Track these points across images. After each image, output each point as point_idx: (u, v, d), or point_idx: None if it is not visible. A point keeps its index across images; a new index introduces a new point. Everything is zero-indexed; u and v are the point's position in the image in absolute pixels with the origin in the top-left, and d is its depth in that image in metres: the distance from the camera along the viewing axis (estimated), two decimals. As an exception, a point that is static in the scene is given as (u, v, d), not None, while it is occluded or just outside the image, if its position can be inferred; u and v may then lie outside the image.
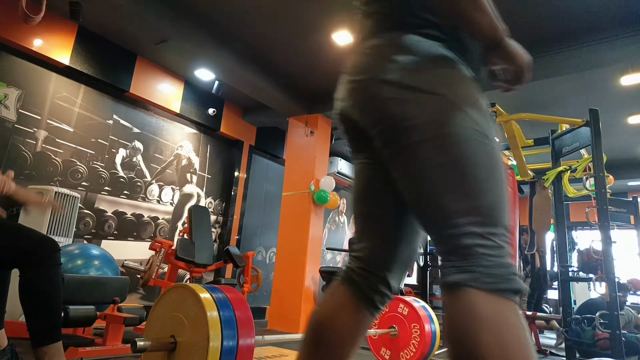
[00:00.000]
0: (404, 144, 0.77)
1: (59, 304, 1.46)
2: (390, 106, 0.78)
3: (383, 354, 2.80)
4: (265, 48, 4.36)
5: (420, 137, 0.75)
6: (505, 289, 0.69)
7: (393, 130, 0.78)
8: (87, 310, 2.64)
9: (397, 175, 0.81)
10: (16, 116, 3.84)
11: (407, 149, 0.77)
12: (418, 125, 0.76)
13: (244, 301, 1.51)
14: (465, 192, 0.73)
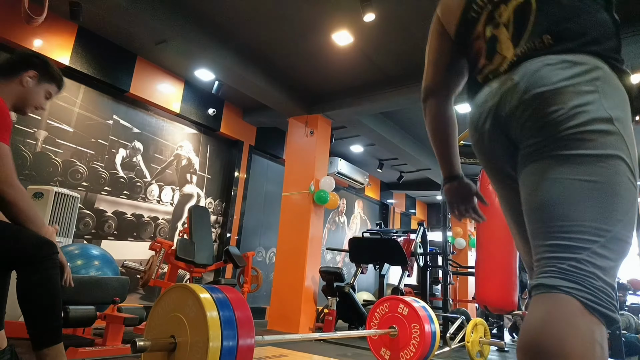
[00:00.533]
0: (563, 154, 0.82)
1: (59, 306, 1.45)
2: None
3: (383, 354, 2.80)
4: (265, 48, 4.36)
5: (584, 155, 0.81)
6: (604, 313, 0.72)
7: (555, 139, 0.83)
8: (87, 311, 2.63)
9: (534, 178, 0.86)
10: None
11: (564, 159, 0.82)
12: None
13: (244, 301, 1.51)
14: (603, 213, 0.77)
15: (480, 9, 1.03)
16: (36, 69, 1.68)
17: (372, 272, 8.18)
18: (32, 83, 1.66)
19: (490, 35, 1.01)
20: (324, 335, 2.47)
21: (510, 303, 3.56)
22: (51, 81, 1.73)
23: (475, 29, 1.05)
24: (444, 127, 1.18)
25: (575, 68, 0.85)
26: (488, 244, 3.69)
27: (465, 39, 1.09)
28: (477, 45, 1.04)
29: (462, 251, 8.45)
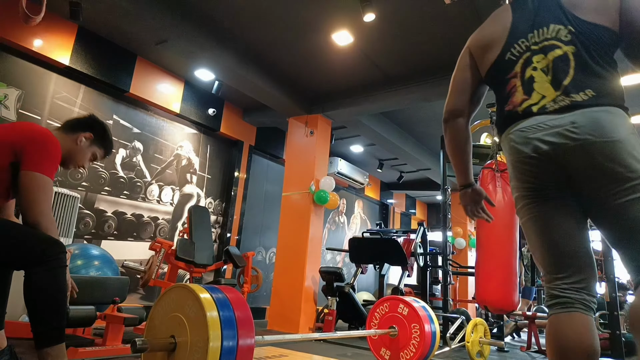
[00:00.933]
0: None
1: (64, 305, 1.46)
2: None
3: (383, 354, 2.80)
4: (265, 48, 4.36)
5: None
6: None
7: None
8: (87, 311, 2.64)
9: (614, 215, 1.12)
10: (16, 116, 3.84)
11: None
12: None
13: (244, 301, 1.51)
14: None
15: (519, 54, 1.27)
16: (93, 132, 1.85)
17: (372, 272, 8.18)
18: (85, 144, 1.82)
19: (529, 76, 1.24)
20: (324, 335, 2.46)
21: (510, 303, 3.56)
22: (101, 146, 1.89)
23: (513, 69, 1.28)
24: (464, 144, 1.45)
25: (623, 121, 1.12)
26: (488, 244, 3.69)
27: (496, 75, 1.32)
28: (512, 82, 1.27)
29: (462, 251, 8.45)
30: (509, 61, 1.29)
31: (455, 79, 1.45)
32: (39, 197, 1.52)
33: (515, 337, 5.78)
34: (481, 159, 4.56)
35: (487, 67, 1.35)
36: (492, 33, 1.36)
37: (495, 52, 1.32)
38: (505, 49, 1.30)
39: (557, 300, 1.19)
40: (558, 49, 1.21)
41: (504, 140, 1.30)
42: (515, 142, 1.22)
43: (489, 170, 3.85)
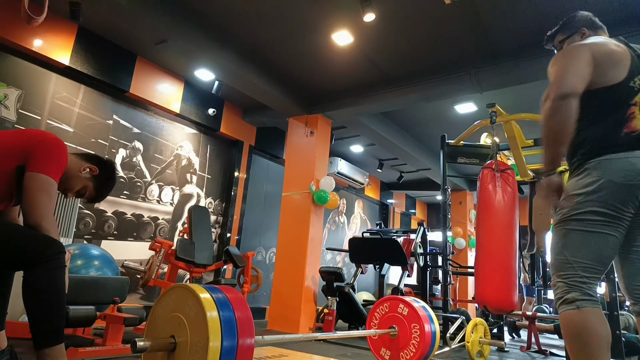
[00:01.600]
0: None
1: (62, 306, 1.46)
2: None
3: (383, 354, 2.80)
4: (265, 48, 4.36)
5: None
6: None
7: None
8: (87, 311, 2.64)
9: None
10: (16, 116, 3.84)
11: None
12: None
13: (244, 301, 1.51)
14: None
15: (637, 87, 1.41)
16: (100, 170, 1.82)
17: (372, 272, 8.18)
18: (85, 174, 1.79)
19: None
20: (324, 335, 2.47)
21: (510, 303, 3.56)
22: (96, 187, 1.84)
23: (634, 97, 1.41)
24: (573, 126, 1.39)
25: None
26: (488, 244, 3.69)
27: (616, 94, 1.42)
28: (633, 109, 1.40)
29: (462, 251, 8.45)
30: (632, 88, 1.41)
31: (577, 65, 1.43)
32: (41, 199, 1.51)
33: (516, 337, 5.78)
34: (481, 159, 4.56)
35: (609, 81, 1.43)
36: (619, 54, 1.46)
37: (622, 72, 1.42)
38: (630, 75, 1.42)
39: (590, 297, 1.35)
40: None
41: (615, 160, 1.37)
42: (636, 168, 1.35)
43: (489, 170, 3.85)
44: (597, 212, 1.37)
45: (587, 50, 1.46)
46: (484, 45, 4.02)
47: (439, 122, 5.93)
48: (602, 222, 1.37)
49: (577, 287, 1.37)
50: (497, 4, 3.45)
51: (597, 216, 1.37)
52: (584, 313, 1.32)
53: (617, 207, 1.36)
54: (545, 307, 6.74)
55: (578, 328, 1.32)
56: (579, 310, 1.33)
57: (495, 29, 3.80)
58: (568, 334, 1.35)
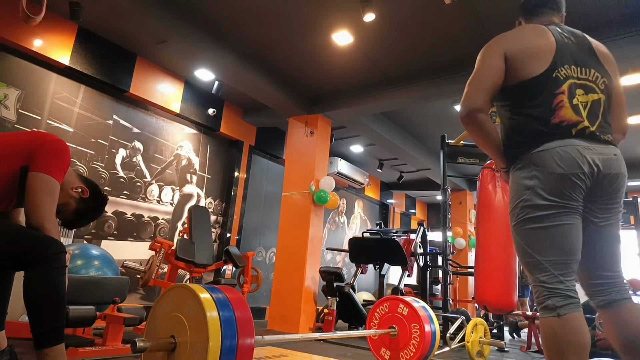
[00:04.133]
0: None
1: (63, 306, 1.46)
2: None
3: (383, 354, 2.80)
4: (265, 48, 4.36)
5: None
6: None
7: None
8: (87, 310, 2.64)
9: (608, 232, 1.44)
10: (16, 116, 3.84)
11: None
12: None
13: (244, 301, 1.51)
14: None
15: (565, 77, 1.42)
16: (91, 196, 1.78)
17: (372, 272, 8.18)
18: (75, 193, 1.75)
19: (575, 102, 1.40)
20: (324, 335, 2.46)
21: (509, 303, 3.56)
22: (78, 210, 1.78)
23: (560, 87, 1.41)
24: (493, 134, 1.49)
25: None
26: (488, 244, 3.69)
27: (539, 85, 1.43)
28: (560, 98, 1.41)
29: (462, 251, 8.45)
30: (556, 78, 1.42)
31: (481, 76, 1.48)
32: (44, 199, 1.51)
33: (516, 337, 5.78)
34: (481, 159, 4.57)
35: (528, 74, 1.43)
36: (538, 46, 1.45)
37: (542, 64, 1.43)
38: (553, 66, 1.42)
39: (572, 300, 1.32)
40: (596, 93, 1.43)
41: (549, 151, 1.37)
42: (574, 157, 1.35)
43: (488, 170, 3.85)
44: (546, 205, 1.36)
45: (497, 49, 1.49)
46: (484, 45, 4.02)
47: (439, 122, 5.93)
48: (555, 213, 1.36)
49: (557, 291, 1.33)
50: (497, 4, 3.45)
51: (548, 210, 1.36)
52: (564, 321, 1.29)
53: (563, 196, 1.36)
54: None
55: (557, 338, 1.30)
56: (559, 318, 1.30)
57: (495, 29, 3.79)
58: (546, 342, 1.32)
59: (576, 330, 1.28)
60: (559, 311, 1.30)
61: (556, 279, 1.34)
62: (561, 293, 1.32)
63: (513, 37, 1.51)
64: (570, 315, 1.29)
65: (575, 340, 1.27)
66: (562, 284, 1.33)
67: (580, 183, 1.35)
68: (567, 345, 1.27)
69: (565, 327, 1.28)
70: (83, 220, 1.84)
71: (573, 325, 1.28)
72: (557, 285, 1.33)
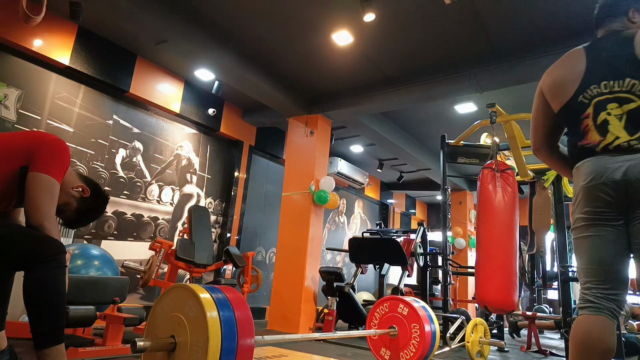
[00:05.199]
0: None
1: (62, 306, 1.45)
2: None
3: (383, 354, 2.80)
4: (265, 48, 4.36)
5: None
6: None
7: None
8: (87, 310, 2.64)
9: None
10: (16, 116, 3.84)
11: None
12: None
13: (244, 301, 1.51)
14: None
15: (590, 98, 1.47)
16: (92, 195, 1.77)
17: (372, 272, 8.18)
18: (75, 192, 1.74)
19: (603, 119, 1.44)
20: (324, 335, 2.47)
21: (510, 303, 3.56)
22: (79, 209, 1.77)
23: (585, 111, 1.48)
24: (560, 163, 1.71)
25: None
26: (488, 244, 3.68)
27: (569, 113, 1.54)
28: (585, 122, 1.48)
29: (462, 251, 8.45)
30: (581, 103, 1.49)
31: (533, 118, 1.70)
32: (44, 199, 1.51)
33: (516, 337, 5.78)
34: (481, 159, 4.56)
35: (559, 106, 1.57)
36: (564, 76, 1.56)
37: (567, 94, 1.53)
38: (579, 92, 1.50)
39: (590, 304, 1.42)
40: (633, 102, 1.41)
41: (579, 168, 1.50)
42: (594, 169, 1.44)
43: (489, 170, 3.85)
44: (580, 218, 1.48)
45: (538, 88, 1.66)
46: (484, 45, 4.03)
47: (439, 122, 5.93)
48: (586, 225, 1.46)
49: (581, 295, 1.45)
50: (497, 3, 3.45)
51: (582, 222, 1.48)
52: (577, 321, 1.42)
53: (592, 209, 1.44)
54: (545, 307, 6.74)
55: (572, 335, 1.43)
56: (577, 318, 1.44)
57: (495, 29, 3.80)
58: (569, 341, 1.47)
59: (581, 329, 1.39)
60: (578, 312, 1.45)
61: (584, 285, 1.46)
62: (583, 297, 1.45)
63: (547, 73, 1.64)
64: (582, 317, 1.42)
65: (577, 337, 1.39)
66: (588, 290, 1.44)
67: (602, 194, 1.40)
68: (571, 340, 1.41)
69: (576, 327, 1.42)
70: (85, 220, 1.83)
71: (580, 325, 1.40)
72: (583, 291, 1.46)
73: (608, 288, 1.41)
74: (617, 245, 1.42)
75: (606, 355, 1.34)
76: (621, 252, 1.43)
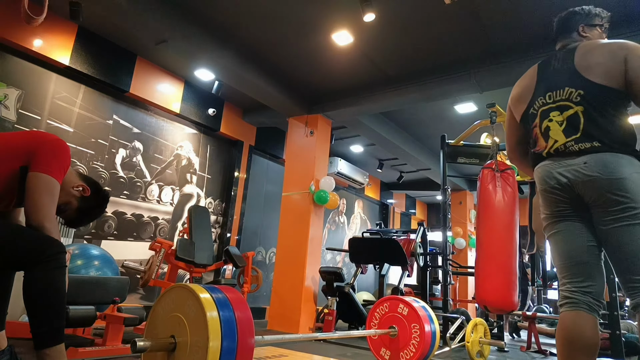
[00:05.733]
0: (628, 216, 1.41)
1: (63, 306, 1.45)
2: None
3: (383, 354, 2.80)
4: (265, 48, 4.36)
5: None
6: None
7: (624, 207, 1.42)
8: (87, 310, 2.64)
9: (615, 236, 1.41)
10: (16, 116, 3.84)
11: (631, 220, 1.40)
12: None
13: (244, 301, 1.51)
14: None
15: (537, 109, 1.65)
16: (92, 194, 1.77)
17: (372, 272, 8.18)
18: (76, 191, 1.74)
19: (546, 127, 1.61)
20: (324, 335, 2.46)
21: (510, 303, 3.56)
22: (80, 208, 1.77)
23: (534, 120, 1.66)
24: (529, 168, 1.79)
25: (628, 162, 1.42)
26: (488, 244, 3.68)
27: (525, 124, 1.74)
28: (535, 131, 1.66)
29: (462, 251, 8.45)
30: (532, 114, 1.68)
31: (506, 127, 1.90)
32: (44, 199, 1.51)
33: (516, 337, 5.78)
34: (481, 159, 4.56)
35: (519, 117, 1.77)
36: (522, 90, 1.75)
37: (523, 106, 1.73)
38: (530, 104, 1.69)
39: (566, 300, 1.48)
40: (571, 109, 1.55)
41: (535, 173, 1.66)
42: (543, 175, 1.59)
43: (489, 170, 3.85)
44: (545, 217, 1.61)
45: (508, 107, 1.85)
46: (484, 45, 4.03)
47: (439, 122, 5.93)
48: (552, 223, 1.58)
49: (560, 292, 1.52)
50: (497, 3, 3.45)
51: (548, 220, 1.60)
52: (559, 319, 1.50)
53: (550, 207, 1.57)
54: (545, 307, 6.74)
55: (556, 333, 1.50)
56: (559, 317, 1.51)
57: (495, 29, 3.80)
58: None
59: (562, 326, 1.47)
60: (560, 310, 1.51)
61: (561, 282, 1.52)
62: (562, 294, 1.50)
63: (514, 87, 1.83)
64: (562, 314, 1.49)
65: (560, 334, 1.46)
66: (564, 285, 1.50)
67: (555, 196, 1.54)
68: (556, 338, 1.48)
69: (558, 324, 1.49)
70: (86, 219, 1.83)
71: (562, 322, 1.48)
72: (562, 287, 1.52)
73: (581, 281, 1.47)
74: (583, 237, 1.51)
75: (589, 349, 1.38)
76: (589, 244, 1.51)
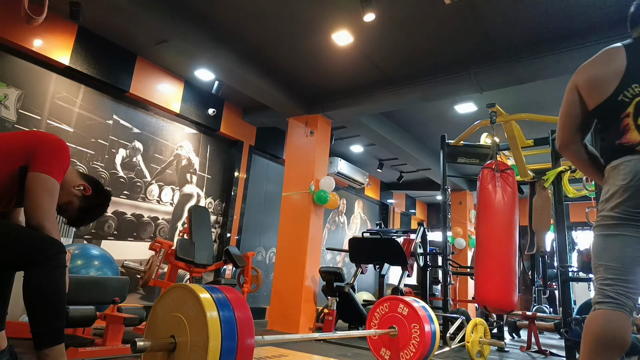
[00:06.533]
0: None
1: (63, 306, 1.45)
2: None
3: (383, 354, 2.80)
4: (265, 48, 4.36)
5: None
6: None
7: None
8: (87, 311, 2.64)
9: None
10: (16, 116, 3.84)
11: None
12: None
13: (244, 301, 1.51)
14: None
15: (632, 97, 1.47)
16: (93, 193, 1.76)
17: (372, 272, 8.18)
18: (77, 190, 1.74)
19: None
20: (324, 335, 2.46)
21: (509, 303, 3.56)
22: (81, 208, 1.76)
23: (625, 109, 1.47)
24: (587, 163, 1.66)
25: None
26: (488, 244, 3.69)
27: (607, 112, 1.53)
28: (625, 121, 1.48)
29: (462, 251, 8.45)
30: (620, 102, 1.49)
31: (564, 113, 1.66)
32: (44, 199, 1.51)
33: (516, 337, 5.78)
34: (481, 159, 4.57)
35: (595, 103, 1.55)
36: (603, 73, 1.54)
37: (606, 92, 1.51)
38: (619, 90, 1.49)
39: (610, 299, 1.42)
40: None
41: (616, 166, 1.49)
42: (635, 169, 1.44)
43: (489, 170, 3.85)
44: (612, 216, 1.47)
45: (571, 83, 1.64)
46: (484, 45, 4.02)
47: (439, 122, 5.93)
48: (618, 224, 1.45)
49: (600, 290, 1.46)
50: (497, 3, 3.45)
51: (613, 220, 1.47)
52: (594, 315, 1.43)
53: (632, 208, 1.43)
54: (545, 307, 6.74)
55: (588, 329, 1.43)
56: (593, 312, 1.44)
57: (495, 29, 3.80)
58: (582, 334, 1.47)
59: (599, 324, 1.40)
60: (596, 306, 1.45)
61: (604, 281, 1.46)
62: (602, 292, 1.45)
63: (582, 69, 1.63)
64: (599, 311, 1.43)
65: (595, 331, 1.40)
66: (608, 286, 1.44)
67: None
68: (587, 334, 1.41)
69: (592, 320, 1.43)
70: (88, 218, 1.83)
71: (599, 319, 1.42)
72: (602, 286, 1.46)
73: (632, 287, 1.42)
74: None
75: (622, 351, 1.37)
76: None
